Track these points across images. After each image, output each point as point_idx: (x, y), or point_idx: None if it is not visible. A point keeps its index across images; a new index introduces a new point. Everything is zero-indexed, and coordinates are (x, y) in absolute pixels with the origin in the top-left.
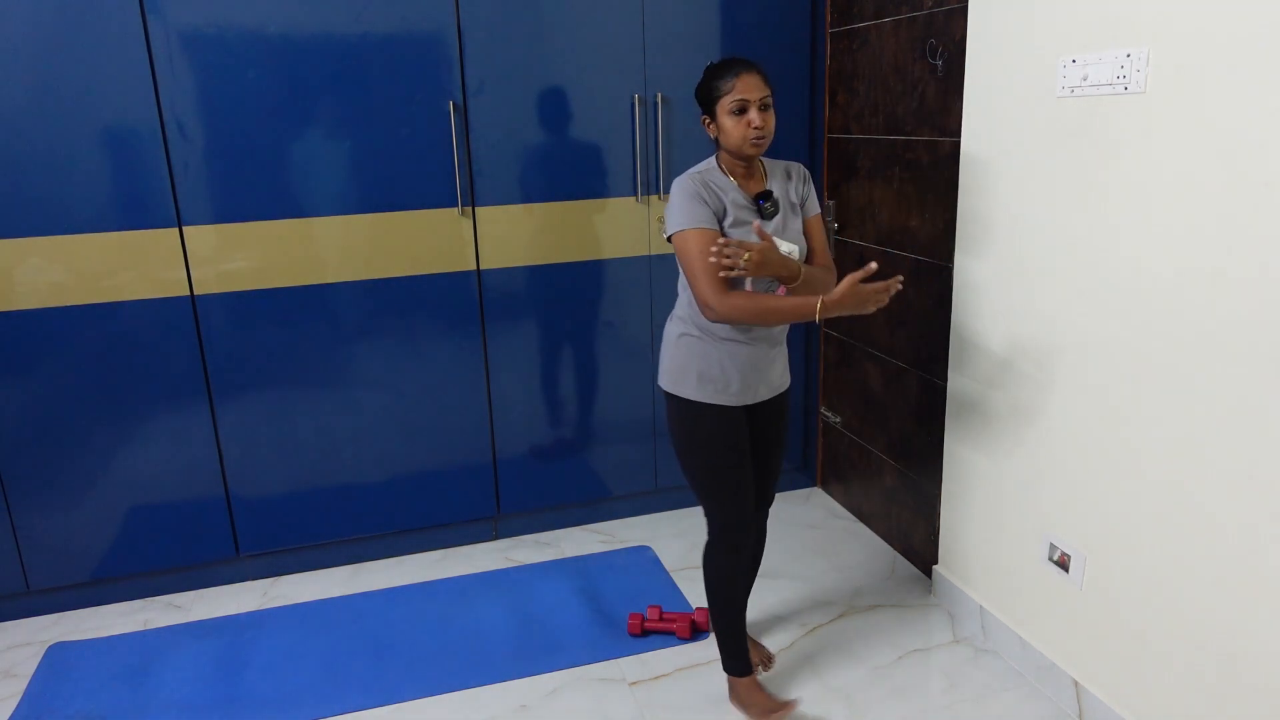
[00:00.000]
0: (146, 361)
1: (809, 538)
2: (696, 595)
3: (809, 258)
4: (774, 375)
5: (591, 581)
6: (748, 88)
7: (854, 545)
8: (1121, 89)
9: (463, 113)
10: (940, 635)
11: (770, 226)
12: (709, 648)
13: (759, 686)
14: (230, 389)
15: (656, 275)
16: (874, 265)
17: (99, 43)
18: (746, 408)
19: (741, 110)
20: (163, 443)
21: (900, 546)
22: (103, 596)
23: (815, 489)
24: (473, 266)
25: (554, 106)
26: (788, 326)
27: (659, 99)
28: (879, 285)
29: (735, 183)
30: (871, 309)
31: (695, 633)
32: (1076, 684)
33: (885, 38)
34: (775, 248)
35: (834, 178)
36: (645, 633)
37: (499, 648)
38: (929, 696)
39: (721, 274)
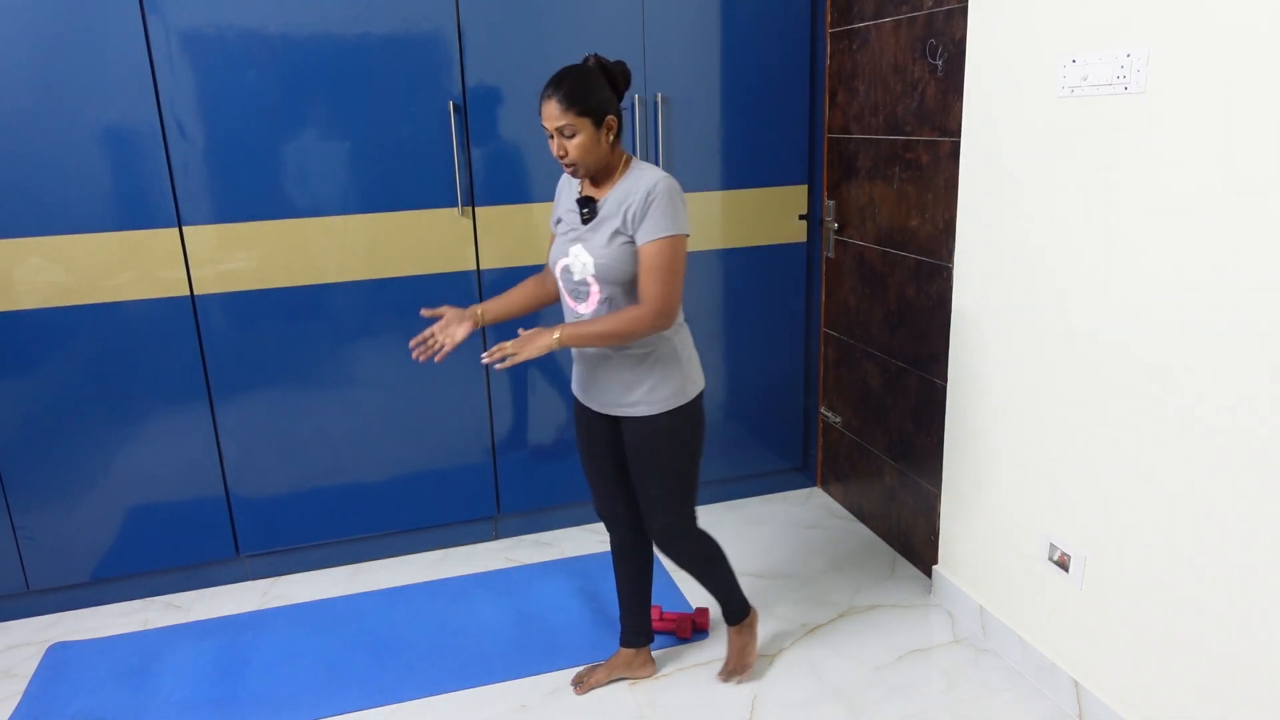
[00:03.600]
0: (146, 361)
1: (809, 537)
2: (696, 595)
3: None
4: (601, 393)
5: (591, 581)
6: (547, 116)
7: (854, 545)
8: (1121, 89)
9: (463, 113)
10: (940, 635)
11: (580, 230)
12: (708, 648)
13: (607, 663)
14: (230, 389)
15: None
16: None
17: (99, 43)
18: (612, 418)
19: (550, 136)
20: (163, 443)
21: (900, 546)
22: (103, 596)
23: (815, 489)
24: (473, 266)
25: None
26: (617, 355)
27: (659, 99)
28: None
29: (580, 185)
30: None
31: (695, 632)
32: (1076, 684)
33: (885, 38)
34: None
35: (834, 177)
36: None
37: (499, 648)
38: (929, 696)
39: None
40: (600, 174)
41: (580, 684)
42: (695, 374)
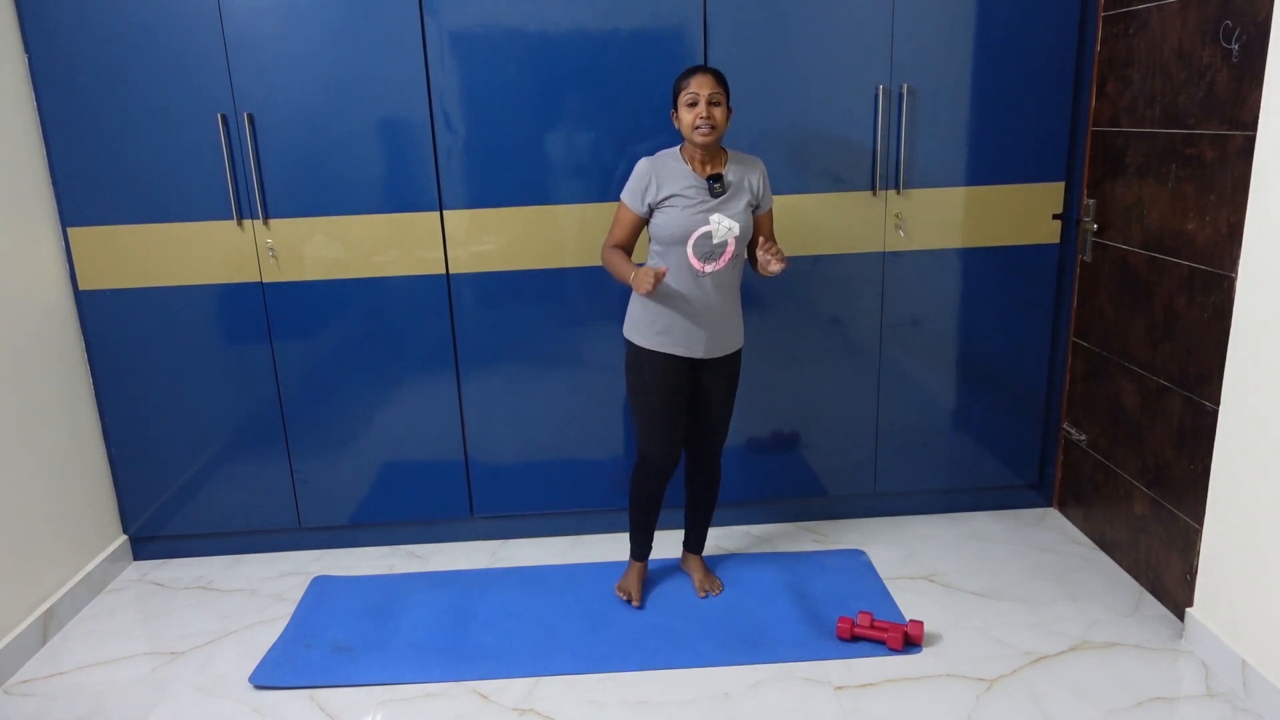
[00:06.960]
0: (405, 332)
1: (1040, 561)
2: (911, 606)
3: (756, 238)
4: (721, 336)
5: (801, 579)
6: (700, 85)
7: (1092, 575)
8: None
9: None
10: (1190, 686)
11: (711, 202)
12: (923, 661)
13: (637, 574)
14: (475, 361)
15: (890, 271)
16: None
17: (383, 44)
18: (693, 362)
19: (693, 104)
20: (415, 406)
21: (1148, 582)
22: (357, 539)
23: (1050, 509)
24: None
25: (793, 99)
26: (731, 294)
27: (904, 90)
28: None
29: (689, 167)
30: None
31: (908, 645)
32: None
33: (1169, 20)
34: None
35: (1096, 174)
36: (854, 638)
37: (706, 633)
38: None
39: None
40: (713, 151)
41: (637, 598)
42: None
